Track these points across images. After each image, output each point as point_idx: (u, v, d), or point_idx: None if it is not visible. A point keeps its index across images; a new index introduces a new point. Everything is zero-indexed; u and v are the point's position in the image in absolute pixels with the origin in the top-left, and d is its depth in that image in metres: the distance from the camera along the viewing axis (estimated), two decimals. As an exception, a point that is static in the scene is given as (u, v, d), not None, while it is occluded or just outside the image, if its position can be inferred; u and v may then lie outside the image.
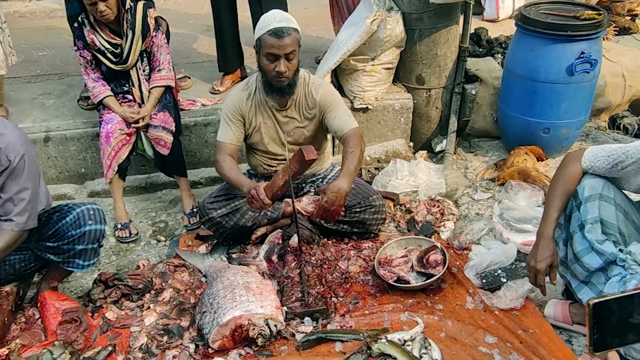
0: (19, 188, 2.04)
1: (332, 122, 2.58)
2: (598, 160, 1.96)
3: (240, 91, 2.64)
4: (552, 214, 2.01)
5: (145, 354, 2.14)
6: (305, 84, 2.60)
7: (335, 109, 2.58)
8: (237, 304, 2.14)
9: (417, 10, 3.30)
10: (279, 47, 2.35)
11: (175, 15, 5.13)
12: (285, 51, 2.36)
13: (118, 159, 2.92)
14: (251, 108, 2.61)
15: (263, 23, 2.40)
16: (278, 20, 2.37)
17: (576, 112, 3.15)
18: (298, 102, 2.60)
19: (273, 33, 2.34)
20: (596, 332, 1.07)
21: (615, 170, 1.93)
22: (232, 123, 2.61)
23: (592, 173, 1.98)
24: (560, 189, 2.02)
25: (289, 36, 2.34)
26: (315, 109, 2.60)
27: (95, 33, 2.86)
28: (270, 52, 2.37)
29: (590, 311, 1.06)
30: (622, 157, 1.90)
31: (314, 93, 2.59)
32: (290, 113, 2.61)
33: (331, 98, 2.60)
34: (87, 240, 2.24)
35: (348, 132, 2.52)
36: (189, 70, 3.94)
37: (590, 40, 2.96)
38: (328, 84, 2.70)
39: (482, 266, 2.45)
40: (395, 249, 2.58)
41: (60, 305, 2.28)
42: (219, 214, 2.64)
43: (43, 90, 3.75)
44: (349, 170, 2.41)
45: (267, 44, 2.37)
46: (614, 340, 1.09)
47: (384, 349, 1.99)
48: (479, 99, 3.53)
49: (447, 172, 3.34)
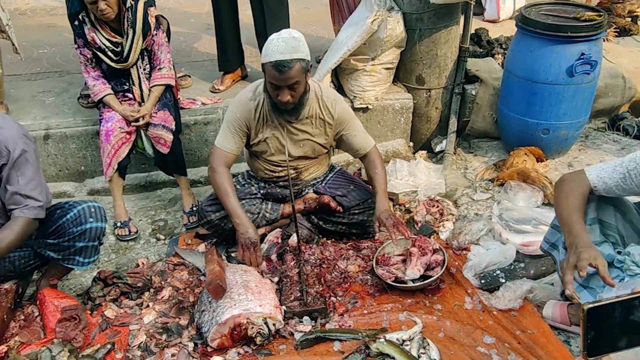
0: (25, 179, 2.05)
1: (351, 140, 2.62)
2: (604, 171, 1.86)
3: (248, 101, 2.53)
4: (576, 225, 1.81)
5: (144, 352, 2.15)
6: (319, 97, 2.53)
7: (353, 127, 2.62)
8: (236, 302, 2.14)
9: (418, 10, 3.31)
10: (279, 80, 2.27)
11: (176, 13, 5.13)
12: (288, 83, 2.28)
13: (118, 157, 2.92)
14: (259, 120, 2.54)
15: (267, 50, 2.28)
16: (281, 51, 2.24)
17: (576, 113, 3.15)
18: (312, 114, 2.54)
19: (274, 66, 2.24)
20: (590, 337, 1.06)
21: (629, 179, 1.81)
22: (235, 133, 2.55)
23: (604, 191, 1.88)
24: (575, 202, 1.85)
25: (291, 69, 2.24)
26: (332, 124, 2.57)
27: (95, 31, 2.86)
28: (272, 82, 2.32)
29: (584, 316, 1.05)
30: (631, 164, 1.82)
31: (331, 108, 2.54)
32: (301, 125, 2.56)
33: (349, 115, 2.61)
34: (88, 238, 2.25)
35: (370, 151, 2.65)
36: (189, 69, 3.94)
37: (590, 42, 2.97)
38: (342, 99, 2.66)
39: (481, 266, 2.46)
40: (394, 249, 2.58)
41: (59, 303, 2.28)
42: (218, 216, 2.63)
43: (43, 87, 3.75)
44: (383, 189, 2.58)
45: (269, 74, 2.29)
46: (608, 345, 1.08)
47: (382, 348, 1.99)
48: (478, 99, 3.53)
49: (447, 172, 3.34)
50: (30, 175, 2.06)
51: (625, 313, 1.05)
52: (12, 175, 2.03)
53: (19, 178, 2.04)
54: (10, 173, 2.03)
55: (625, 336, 1.06)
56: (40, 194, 2.10)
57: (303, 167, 2.73)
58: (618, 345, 1.07)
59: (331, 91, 2.65)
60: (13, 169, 2.02)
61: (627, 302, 1.05)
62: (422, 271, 2.40)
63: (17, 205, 2.06)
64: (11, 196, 2.05)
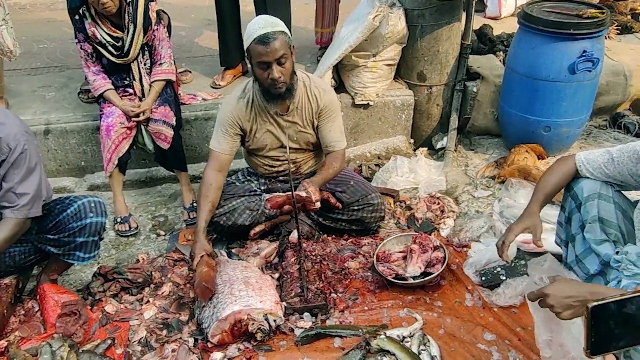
0: (21, 177, 2.04)
1: (325, 133, 2.60)
2: (592, 154, 1.97)
3: (237, 100, 2.55)
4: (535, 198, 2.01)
5: (145, 348, 2.15)
6: (307, 87, 2.55)
7: (332, 120, 2.59)
8: (236, 298, 2.14)
9: (419, 6, 3.30)
10: (267, 53, 2.27)
11: (177, 8, 5.11)
12: (275, 56, 2.28)
13: (118, 152, 2.91)
14: (251, 117, 2.55)
15: (249, 32, 2.32)
16: (262, 26, 2.29)
17: (577, 110, 3.15)
18: (300, 106, 2.55)
19: (259, 41, 2.26)
20: (594, 336, 1.06)
21: (611, 165, 1.92)
22: (228, 134, 2.56)
23: (587, 171, 1.97)
24: (550, 178, 2.02)
25: (275, 40, 2.26)
26: (316, 112, 2.57)
27: (96, 26, 2.85)
28: (260, 61, 2.31)
29: (589, 314, 1.04)
30: (616, 153, 1.92)
31: (319, 97, 2.55)
32: (292, 118, 2.57)
33: (334, 107, 2.60)
34: (88, 233, 2.24)
35: (338, 151, 2.63)
36: (190, 64, 3.92)
37: (592, 39, 2.96)
38: (332, 89, 2.67)
39: (482, 264, 2.46)
40: (395, 246, 2.58)
41: (59, 298, 2.28)
42: (217, 214, 2.62)
43: (43, 82, 3.74)
44: (323, 176, 2.54)
45: (255, 52, 2.29)
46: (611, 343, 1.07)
47: (382, 345, 1.99)
48: (480, 96, 3.52)
49: (448, 169, 3.34)
50: (28, 173, 2.05)
51: (629, 311, 1.05)
52: (10, 173, 2.02)
53: (16, 176, 2.03)
54: (8, 170, 2.02)
55: (629, 334, 1.06)
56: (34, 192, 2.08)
57: (302, 161, 2.74)
58: (620, 343, 1.07)
59: (323, 82, 2.66)
60: (12, 166, 2.01)
61: (631, 300, 1.05)
62: (423, 268, 2.40)
63: (10, 203, 2.05)
64: (5, 193, 2.04)
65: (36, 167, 2.09)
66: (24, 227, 2.11)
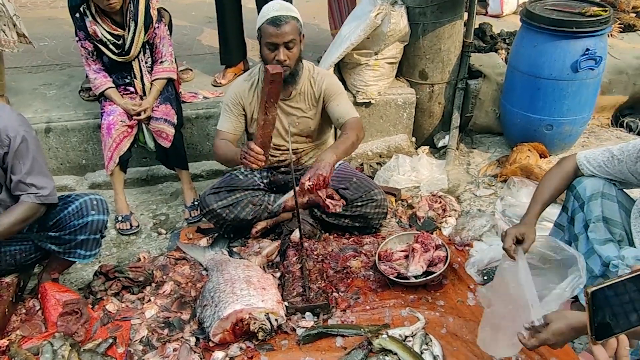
0: (29, 166, 2.05)
1: (334, 109, 2.59)
2: (593, 153, 1.97)
3: (242, 82, 2.65)
4: (536, 207, 1.99)
5: (146, 347, 2.14)
6: (310, 75, 2.61)
7: (338, 98, 2.60)
8: (238, 297, 2.13)
9: (421, 4, 3.29)
10: (277, 35, 2.34)
11: (178, 6, 5.10)
12: (285, 39, 2.35)
13: (119, 151, 2.91)
14: (253, 99, 2.61)
15: (263, 12, 2.41)
16: (277, 9, 2.38)
17: (580, 109, 3.13)
18: (303, 91, 2.61)
19: (271, 22, 2.34)
20: (597, 321, 1.06)
21: (612, 163, 1.92)
22: (232, 113, 2.63)
23: (588, 169, 1.98)
24: (549, 184, 2.01)
25: (287, 24, 2.34)
26: (320, 97, 2.61)
27: (97, 24, 2.84)
28: (269, 42, 2.37)
29: (589, 299, 1.04)
30: (617, 151, 1.92)
31: (320, 82, 2.60)
32: (295, 103, 2.62)
33: (336, 87, 2.63)
34: (90, 231, 2.24)
35: (349, 119, 2.52)
36: (191, 62, 3.92)
37: (595, 37, 2.95)
38: (333, 74, 2.71)
39: (484, 263, 2.45)
40: (397, 245, 2.57)
41: (60, 296, 2.28)
42: (220, 205, 2.63)
43: (44, 80, 3.74)
44: (337, 147, 2.36)
45: (266, 32, 2.37)
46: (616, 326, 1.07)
47: (384, 344, 1.98)
48: (481, 94, 3.51)
49: (449, 168, 3.33)
50: (32, 163, 2.06)
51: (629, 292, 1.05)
52: (16, 164, 2.04)
53: (22, 166, 2.04)
54: (13, 162, 2.03)
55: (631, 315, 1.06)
56: (44, 180, 2.10)
57: (302, 151, 2.75)
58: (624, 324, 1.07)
59: (324, 70, 2.69)
60: (16, 157, 2.02)
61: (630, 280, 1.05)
62: (425, 267, 2.40)
63: (23, 191, 2.07)
64: (17, 185, 2.06)
65: (41, 156, 2.11)
66: (36, 213, 2.11)
